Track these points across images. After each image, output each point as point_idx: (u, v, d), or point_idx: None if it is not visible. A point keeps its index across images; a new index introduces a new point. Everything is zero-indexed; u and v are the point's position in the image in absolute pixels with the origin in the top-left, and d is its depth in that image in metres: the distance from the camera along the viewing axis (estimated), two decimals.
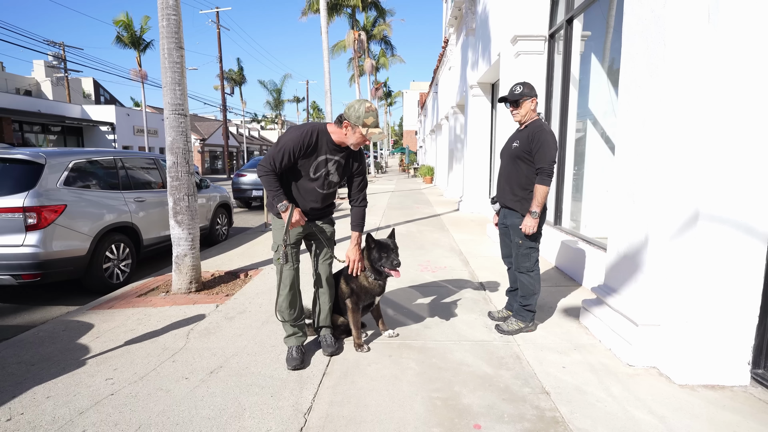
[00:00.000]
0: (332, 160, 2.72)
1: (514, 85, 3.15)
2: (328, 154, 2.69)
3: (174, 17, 4.11)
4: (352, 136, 2.63)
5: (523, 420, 2.19)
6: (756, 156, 2.35)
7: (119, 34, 25.47)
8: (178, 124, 4.23)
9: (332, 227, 3.01)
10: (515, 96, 3.11)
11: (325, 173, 2.72)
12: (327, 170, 2.72)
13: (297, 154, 2.61)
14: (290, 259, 2.76)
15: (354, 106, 2.60)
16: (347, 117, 2.60)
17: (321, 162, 2.69)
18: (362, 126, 2.58)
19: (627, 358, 2.74)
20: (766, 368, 2.50)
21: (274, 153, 2.62)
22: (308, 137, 2.61)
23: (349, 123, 2.60)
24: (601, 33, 4.92)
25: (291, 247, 2.79)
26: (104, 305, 4.01)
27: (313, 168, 2.69)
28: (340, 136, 2.68)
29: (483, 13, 8.74)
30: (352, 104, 2.62)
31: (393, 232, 3.14)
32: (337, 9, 22.79)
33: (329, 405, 2.34)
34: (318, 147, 2.66)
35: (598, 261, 3.98)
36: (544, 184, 2.97)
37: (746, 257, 2.43)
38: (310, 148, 2.63)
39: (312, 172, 2.70)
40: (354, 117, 2.58)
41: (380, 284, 3.02)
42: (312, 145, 2.63)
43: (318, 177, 2.72)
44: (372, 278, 2.97)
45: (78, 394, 2.47)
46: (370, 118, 2.58)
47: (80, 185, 4.72)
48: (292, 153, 2.59)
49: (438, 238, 7.05)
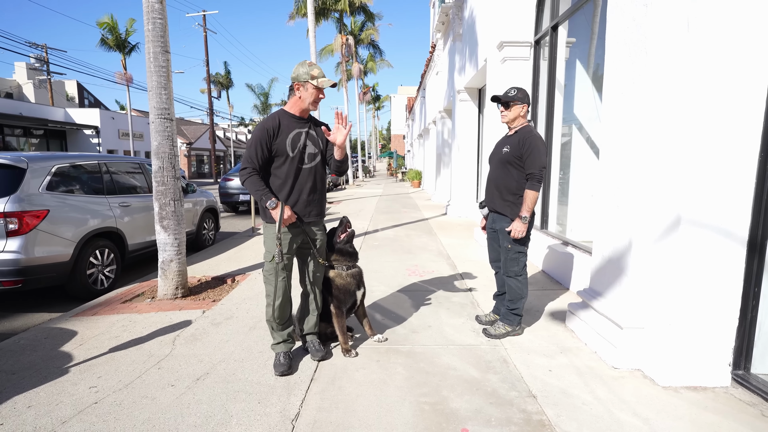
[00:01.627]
0: (302, 132, 2.78)
1: (510, 88, 3.21)
2: (296, 128, 2.77)
3: (160, 21, 4.08)
4: (306, 93, 2.73)
5: (510, 423, 2.21)
6: (735, 162, 2.42)
7: (104, 36, 25.12)
8: (164, 128, 4.19)
9: (324, 236, 3.00)
10: (508, 98, 3.15)
11: (302, 146, 2.77)
12: (303, 143, 2.77)
13: (268, 141, 2.67)
14: (285, 259, 2.74)
15: (297, 68, 2.73)
16: (296, 79, 2.71)
17: (294, 136, 2.74)
18: (311, 79, 2.68)
19: (612, 360, 2.78)
20: (746, 369, 2.56)
21: (248, 153, 2.69)
22: (271, 121, 2.71)
23: (299, 84, 2.71)
24: (586, 40, 5.01)
25: (285, 256, 2.76)
26: (88, 312, 3.93)
27: (289, 144, 2.72)
28: (299, 104, 2.77)
29: (470, 19, 8.84)
30: (295, 68, 2.74)
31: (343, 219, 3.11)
32: (324, 13, 22.82)
33: (317, 411, 2.33)
34: (283, 125, 2.73)
35: (584, 265, 4.04)
36: (534, 190, 3.01)
37: (726, 261, 2.49)
38: (276, 129, 2.70)
39: (290, 150, 2.73)
40: (303, 75, 2.68)
41: (354, 276, 3.03)
42: (277, 126, 2.70)
43: (296, 152, 2.74)
44: (345, 271, 3.00)
45: (61, 403, 2.42)
46: (315, 69, 2.69)
47: (63, 190, 4.64)
48: (263, 141, 2.66)
49: (426, 243, 7.08)
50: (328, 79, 2.74)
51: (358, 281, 3.08)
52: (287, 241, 2.76)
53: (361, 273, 3.15)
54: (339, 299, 2.98)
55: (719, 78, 2.38)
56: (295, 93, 2.74)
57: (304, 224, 2.82)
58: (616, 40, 2.94)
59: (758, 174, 2.42)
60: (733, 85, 2.37)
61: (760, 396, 2.41)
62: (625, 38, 2.84)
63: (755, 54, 2.34)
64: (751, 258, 2.47)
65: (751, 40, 2.34)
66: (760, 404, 2.37)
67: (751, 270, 2.48)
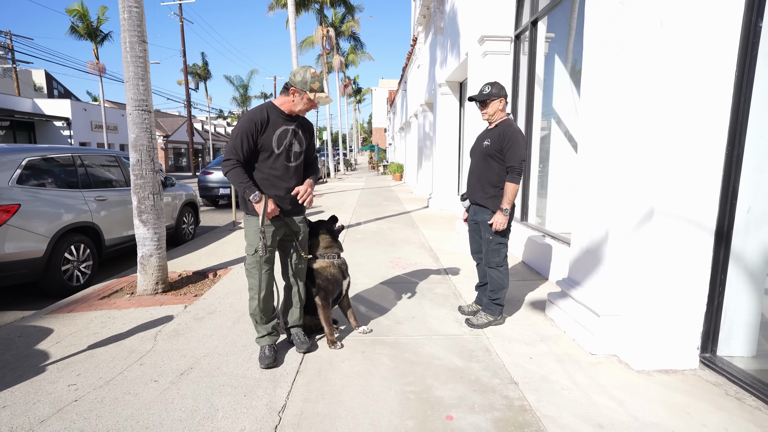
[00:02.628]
0: (289, 129, 2.74)
1: (484, 85, 3.24)
2: (285, 125, 2.72)
3: (136, 9, 3.97)
4: (300, 102, 2.68)
5: (493, 409, 2.28)
6: (703, 156, 2.52)
7: (74, 24, 24.19)
8: (141, 120, 4.09)
9: (306, 227, 3.01)
10: (483, 96, 3.19)
11: (288, 144, 2.73)
12: (290, 141, 2.74)
13: (254, 133, 2.62)
14: (267, 252, 2.73)
15: (299, 72, 2.64)
16: (293, 83, 2.64)
17: (281, 133, 2.70)
18: (309, 91, 2.63)
19: (589, 347, 2.88)
20: (712, 352, 2.69)
21: (233, 143, 2.62)
22: (259, 114, 2.64)
23: (296, 89, 2.64)
24: (565, 35, 5.10)
25: (268, 248, 2.76)
26: (64, 309, 3.84)
27: (275, 141, 2.68)
28: (289, 104, 2.71)
29: (451, 13, 8.87)
30: (296, 71, 2.66)
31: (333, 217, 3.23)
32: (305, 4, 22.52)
33: (304, 402, 2.35)
34: (271, 120, 2.67)
35: (562, 255, 4.15)
36: (515, 182, 3.07)
37: (695, 250, 2.60)
38: (264, 123, 2.64)
39: (276, 146, 2.69)
40: (300, 83, 2.62)
41: (340, 266, 3.08)
42: (265, 120, 2.64)
43: (282, 149, 2.71)
44: (335, 260, 3.05)
45: (38, 402, 2.37)
46: (316, 83, 2.63)
47: (35, 184, 4.50)
48: (249, 133, 2.60)
49: (408, 235, 7.13)
50: (325, 96, 2.69)
51: (344, 271, 3.11)
52: (270, 234, 2.75)
53: (346, 263, 3.18)
54: (326, 290, 2.99)
55: (689, 75, 2.47)
56: (290, 95, 2.68)
57: (286, 217, 2.82)
58: (593, 36, 3.02)
59: (725, 167, 2.53)
60: (702, 83, 2.47)
61: (725, 376, 2.54)
62: (601, 34, 2.91)
63: (722, 53, 2.44)
64: (718, 247, 2.59)
65: (718, 40, 2.43)
66: (724, 384, 2.50)
67: (718, 258, 2.60)
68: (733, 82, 2.47)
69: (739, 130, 2.48)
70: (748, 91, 2.44)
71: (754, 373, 2.51)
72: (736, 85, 2.46)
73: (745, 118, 2.46)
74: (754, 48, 2.40)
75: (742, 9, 2.40)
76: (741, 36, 2.42)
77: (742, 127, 2.47)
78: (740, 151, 2.49)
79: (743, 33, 2.41)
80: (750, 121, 2.46)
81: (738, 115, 2.48)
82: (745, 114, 2.46)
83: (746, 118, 2.46)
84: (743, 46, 2.42)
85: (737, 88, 2.47)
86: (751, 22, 2.38)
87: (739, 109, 2.47)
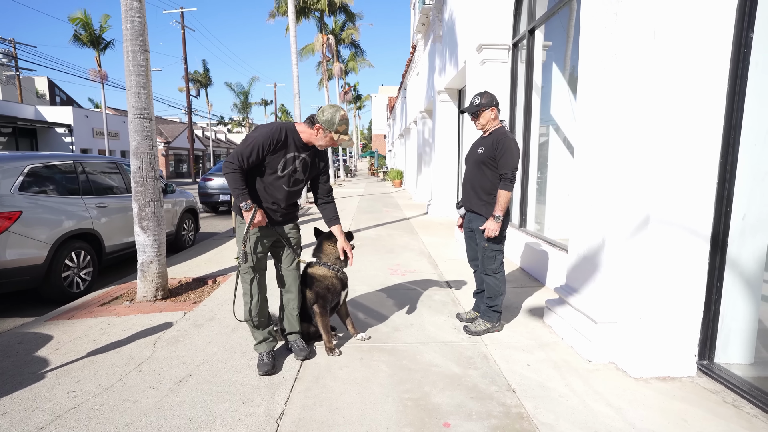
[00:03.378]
0: (300, 157, 2.77)
1: (473, 97, 3.29)
2: (295, 151, 2.74)
3: (138, 19, 4.02)
4: (323, 138, 2.72)
5: (491, 417, 2.28)
6: (698, 164, 2.55)
7: (77, 32, 24.36)
8: (143, 128, 4.13)
9: (298, 233, 3.03)
10: (474, 108, 3.24)
11: (292, 170, 2.76)
12: (294, 167, 2.76)
13: (266, 150, 2.64)
14: (250, 259, 2.77)
15: (328, 111, 2.68)
16: (320, 121, 2.68)
17: (290, 159, 2.73)
18: (334, 132, 2.69)
19: (587, 354, 2.89)
20: (710, 359, 2.70)
21: (242, 149, 2.63)
22: (278, 134, 2.66)
23: (321, 126, 2.68)
24: (562, 43, 5.16)
25: (258, 254, 2.81)
26: (64, 315, 3.85)
27: (281, 165, 2.72)
28: (309, 137, 2.74)
29: (449, 21, 8.95)
30: (325, 109, 2.70)
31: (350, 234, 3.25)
32: (305, 12, 22.66)
33: (302, 409, 2.36)
34: (287, 144, 2.70)
35: (560, 262, 4.16)
36: (507, 190, 3.09)
37: (691, 257, 2.62)
38: (279, 144, 2.67)
39: (280, 169, 2.72)
40: (328, 122, 2.67)
41: (341, 277, 3.09)
42: (281, 141, 2.67)
43: (285, 174, 2.75)
44: (339, 271, 3.06)
45: (37, 409, 2.38)
46: (343, 125, 2.71)
47: (37, 191, 4.53)
48: (262, 149, 2.62)
49: (407, 242, 7.15)
50: (348, 139, 2.76)
51: (344, 282, 3.13)
52: (254, 241, 2.79)
53: (346, 274, 3.19)
54: (324, 298, 3.00)
55: (683, 84, 2.50)
56: (314, 129, 2.70)
57: (275, 226, 2.88)
58: (589, 46, 3.05)
59: (719, 175, 2.55)
60: (696, 91, 2.50)
61: (722, 384, 2.54)
62: (596, 44, 2.95)
63: (714, 62, 2.48)
64: (714, 254, 2.61)
65: (710, 50, 2.47)
66: (722, 392, 2.50)
67: (714, 265, 2.61)
68: (725, 90, 2.50)
69: (733, 138, 2.51)
70: (740, 100, 2.47)
71: (751, 380, 2.51)
72: (729, 94, 2.49)
73: (738, 125, 2.49)
74: (745, 58, 2.43)
75: (733, 20, 2.44)
76: (733, 46, 2.45)
77: (736, 134, 2.50)
78: (734, 158, 2.52)
79: (735, 43, 2.44)
80: (743, 129, 2.49)
81: (731, 123, 2.50)
82: (739, 122, 2.49)
83: (739, 126, 2.49)
84: (735, 56, 2.45)
85: (730, 97, 2.50)
86: (742, 33, 2.42)
87: (733, 117, 2.50)
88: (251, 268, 2.79)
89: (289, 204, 2.89)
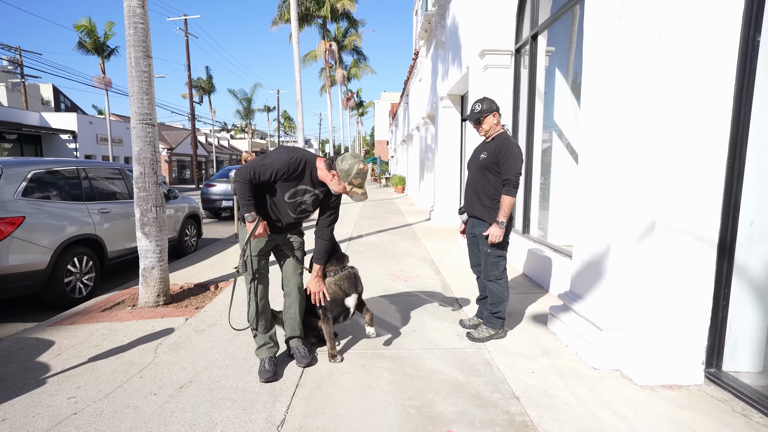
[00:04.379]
0: (311, 192, 2.77)
1: (474, 103, 3.27)
2: (308, 185, 2.74)
3: (141, 26, 4.04)
4: (336, 185, 2.69)
5: (494, 425, 2.25)
6: (705, 169, 2.52)
7: (81, 39, 24.61)
8: (145, 134, 4.14)
9: (301, 238, 3.03)
10: (476, 115, 3.22)
11: (300, 201, 2.77)
12: (302, 199, 2.77)
13: (280, 176, 2.64)
14: (250, 269, 2.78)
15: (347, 161, 2.64)
16: (338, 169, 2.65)
17: (300, 190, 2.74)
18: (348, 184, 2.65)
19: (592, 361, 2.85)
20: (718, 367, 2.66)
21: (257, 166, 2.61)
22: (296, 164, 2.64)
23: (337, 174, 2.66)
24: (565, 49, 5.15)
25: (259, 258, 2.81)
26: (66, 321, 3.84)
27: (290, 193, 2.73)
28: (325, 178, 2.72)
29: (452, 27, 8.98)
30: (346, 157, 2.66)
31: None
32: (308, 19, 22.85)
33: (303, 416, 2.33)
34: (302, 176, 2.70)
35: (564, 268, 4.12)
36: (511, 195, 3.07)
37: (698, 263, 2.58)
38: (294, 175, 2.66)
39: (288, 196, 2.73)
40: (344, 173, 2.63)
41: (344, 288, 2.99)
42: (297, 172, 2.66)
43: (292, 201, 2.76)
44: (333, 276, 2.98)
45: (37, 415, 2.36)
46: (359, 179, 2.66)
47: (40, 196, 4.54)
48: (277, 174, 2.62)
49: (410, 248, 7.12)
50: (361, 193, 2.70)
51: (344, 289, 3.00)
52: (256, 248, 2.80)
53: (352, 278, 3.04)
54: (325, 307, 2.96)
55: (688, 89, 2.48)
56: (329, 173, 2.67)
57: (277, 235, 2.89)
58: (592, 51, 3.05)
59: (726, 180, 2.53)
60: (702, 96, 2.48)
61: (731, 392, 2.50)
62: (600, 49, 2.94)
63: (721, 66, 2.46)
64: (721, 260, 2.57)
65: (717, 54, 2.45)
66: (730, 400, 2.46)
67: (721, 272, 2.58)
68: (732, 95, 2.48)
69: (740, 143, 2.48)
70: (747, 104, 2.45)
71: (761, 389, 2.47)
72: (736, 98, 2.47)
73: (745, 131, 2.47)
74: (752, 62, 2.41)
75: (740, 24, 2.42)
76: (739, 50, 2.43)
77: (743, 140, 2.48)
78: (741, 164, 2.49)
79: (741, 47, 2.43)
80: (750, 134, 2.46)
81: (738, 128, 2.48)
82: (746, 127, 2.46)
83: (747, 131, 2.46)
84: (742, 60, 2.43)
85: (737, 101, 2.47)
86: (749, 37, 2.40)
87: (740, 122, 2.48)
88: (252, 273, 2.80)
89: (292, 224, 2.91)
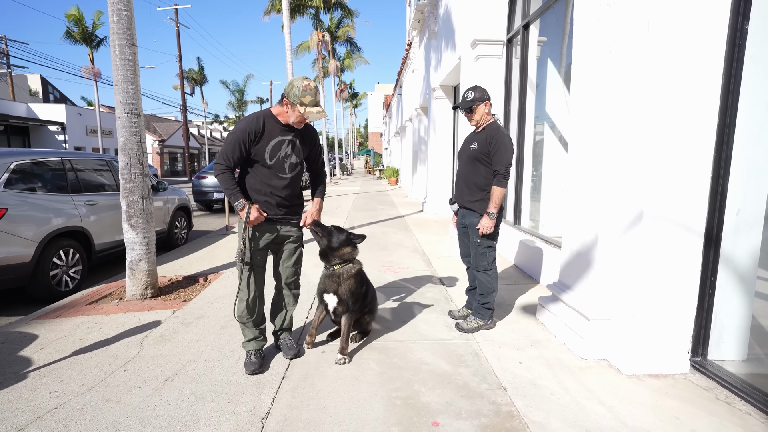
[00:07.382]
0: (285, 140, 2.67)
1: (466, 92, 3.23)
2: (281, 135, 2.65)
3: (125, 12, 3.95)
4: (293, 115, 2.57)
5: (480, 415, 2.24)
6: (692, 159, 2.51)
7: (69, 29, 24.16)
8: (131, 123, 4.06)
9: (300, 231, 2.92)
10: (468, 103, 3.18)
11: (283, 155, 2.67)
12: (284, 153, 2.67)
13: (248, 143, 2.57)
14: (247, 258, 2.70)
15: (293, 83, 2.53)
16: (287, 95, 2.54)
17: (276, 144, 2.64)
18: (299, 105, 2.51)
19: (580, 351, 2.85)
20: (703, 356, 2.67)
21: (226, 148, 2.58)
22: (255, 123, 2.58)
23: (288, 101, 2.55)
24: (557, 39, 5.11)
25: (257, 252, 2.74)
26: (50, 314, 3.79)
27: (268, 154, 2.63)
28: (284, 116, 2.63)
29: (444, 17, 8.90)
30: (292, 81, 2.55)
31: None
32: (300, 9, 22.57)
33: (288, 408, 2.31)
34: (267, 131, 2.61)
35: (554, 259, 4.12)
36: (501, 186, 3.05)
37: (685, 253, 2.58)
38: (259, 134, 2.58)
39: (268, 158, 2.63)
40: (293, 95, 2.51)
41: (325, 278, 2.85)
42: (260, 130, 2.58)
43: (275, 162, 2.66)
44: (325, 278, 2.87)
45: (17, 410, 2.32)
46: (308, 96, 2.49)
47: (23, 188, 4.45)
48: (243, 143, 2.56)
49: (402, 239, 7.10)
50: (317, 111, 2.54)
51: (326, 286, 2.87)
52: (255, 239, 2.72)
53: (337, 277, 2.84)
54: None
55: (677, 77, 2.45)
56: (284, 105, 2.58)
57: (278, 224, 2.78)
58: (582, 39, 3.01)
59: (713, 170, 2.52)
60: (690, 84, 2.46)
61: (715, 381, 2.52)
62: (589, 37, 2.90)
63: (709, 54, 2.43)
64: (708, 250, 2.57)
65: (705, 42, 2.42)
66: (714, 389, 2.47)
67: (708, 262, 2.58)
68: (720, 83, 2.46)
69: (727, 132, 2.47)
70: (735, 93, 2.43)
71: (744, 377, 2.48)
72: (724, 87, 2.46)
73: (733, 119, 2.45)
74: (740, 50, 2.39)
75: (728, 12, 2.40)
76: (728, 38, 2.41)
77: (730, 128, 2.46)
78: (728, 153, 2.48)
79: (730, 35, 2.41)
80: (738, 123, 2.45)
81: (726, 117, 2.47)
82: (733, 116, 2.45)
83: (734, 120, 2.45)
84: (730, 48, 2.41)
85: (725, 90, 2.46)
86: (737, 25, 2.38)
87: (727, 111, 2.46)
88: (248, 264, 2.72)
89: (291, 195, 2.77)
